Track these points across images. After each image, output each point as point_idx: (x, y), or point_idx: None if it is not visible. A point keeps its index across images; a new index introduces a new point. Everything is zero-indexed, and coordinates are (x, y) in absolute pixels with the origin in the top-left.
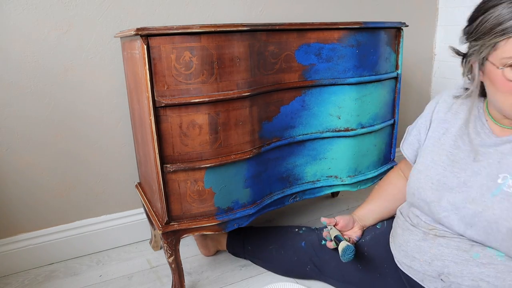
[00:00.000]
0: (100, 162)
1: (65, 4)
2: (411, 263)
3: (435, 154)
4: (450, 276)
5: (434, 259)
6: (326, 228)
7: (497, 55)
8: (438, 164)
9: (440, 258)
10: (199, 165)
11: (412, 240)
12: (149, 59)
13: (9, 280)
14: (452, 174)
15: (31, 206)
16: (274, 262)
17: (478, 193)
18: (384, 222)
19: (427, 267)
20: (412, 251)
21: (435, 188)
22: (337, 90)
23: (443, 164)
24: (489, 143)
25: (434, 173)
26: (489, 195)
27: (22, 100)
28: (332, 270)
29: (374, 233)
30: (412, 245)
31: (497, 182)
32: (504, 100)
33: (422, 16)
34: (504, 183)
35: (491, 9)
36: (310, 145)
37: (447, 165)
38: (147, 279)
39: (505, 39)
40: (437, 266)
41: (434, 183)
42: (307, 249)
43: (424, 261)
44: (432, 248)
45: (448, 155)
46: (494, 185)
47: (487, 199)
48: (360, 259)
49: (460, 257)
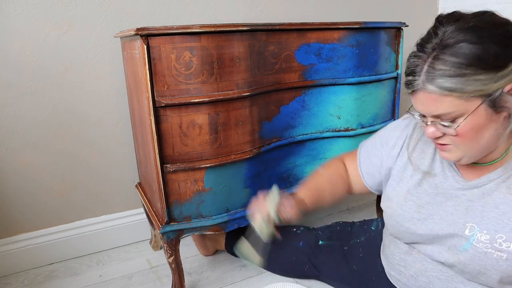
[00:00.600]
0: (100, 162)
1: (65, 4)
2: (399, 276)
3: (401, 199)
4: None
5: (419, 274)
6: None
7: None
8: (405, 211)
9: (425, 273)
10: (199, 165)
11: (398, 253)
12: (149, 59)
13: (9, 280)
14: (419, 222)
15: (31, 206)
16: (272, 262)
17: (450, 244)
18: (379, 224)
19: (413, 282)
20: (398, 265)
21: (408, 236)
22: (337, 90)
23: (410, 210)
24: (457, 187)
25: (403, 220)
26: (460, 249)
27: (22, 100)
28: (329, 270)
29: (369, 234)
30: (398, 258)
31: (466, 234)
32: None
33: (422, 16)
34: (473, 236)
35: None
36: (310, 145)
37: (414, 212)
38: (147, 279)
39: None
40: (423, 282)
41: (405, 231)
42: (305, 249)
43: (410, 276)
44: (416, 263)
45: (413, 199)
46: (464, 237)
47: (459, 252)
48: (355, 260)
49: (444, 274)
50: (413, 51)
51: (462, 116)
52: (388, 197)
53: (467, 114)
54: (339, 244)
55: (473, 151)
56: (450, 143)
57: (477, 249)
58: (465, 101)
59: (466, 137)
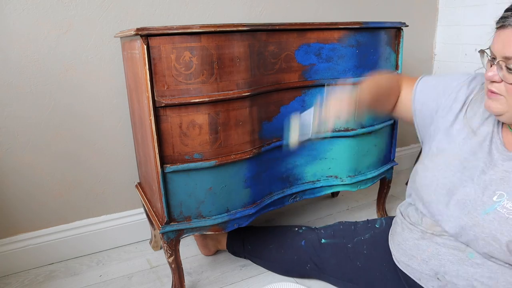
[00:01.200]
0: (100, 162)
1: (65, 4)
2: (409, 261)
3: (449, 155)
4: (446, 276)
5: (431, 258)
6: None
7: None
8: (448, 168)
9: (437, 257)
10: (199, 165)
11: (411, 239)
12: (149, 59)
13: (9, 280)
14: (459, 182)
15: (31, 206)
16: (274, 261)
17: (473, 206)
18: (383, 222)
19: (424, 266)
20: (410, 250)
21: (438, 190)
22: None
23: (454, 168)
24: (497, 155)
25: (442, 176)
26: (481, 211)
27: (22, 100)
28: (332, 269)
29: (373, 232)
30: (411, 244)
31: (492, 200)
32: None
33: (422, 16)
34: (499, 202)
35: None
36: (310, 145)
37: (457, 171)
38: (147, 279)
39: None
40: (434, 265)
41: (439, 185)
42: (307, 248)
43: (421, 260)
44: (430, 247)
45: (461, 160)
46: (489, 202)
47: (479, 215)
48: (359, 257)
49: (456, 257)
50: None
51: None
52: (434, 152)
53: None
54: (342, 242)
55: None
56: (502, 93)
57: (498, 213)
58: None
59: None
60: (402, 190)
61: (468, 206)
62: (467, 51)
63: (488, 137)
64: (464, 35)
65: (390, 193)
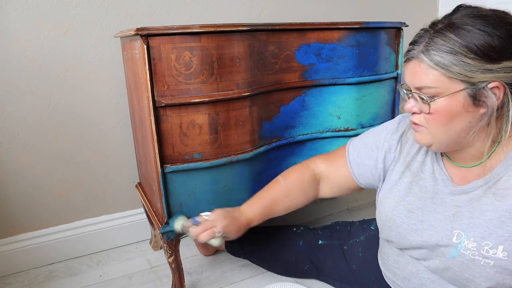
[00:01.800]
0: (100, 162)
1: (65, 4)
2: (394, 277)
3: (392, 202)
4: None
5: (412, 276)
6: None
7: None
8: (396, 215)
9: (417, 275)
10: (199, 165)
11: (392, 255)
12: (149, 59)
13: (9, 280)
14: (409, 227)
15: (31, 206)
16: (272, 262)
17: (438, 251)
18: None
19: (407, 283)
20: (392, 266)
21: (398, 241)
22: (337, 90)
23: (400, 215)
24: (446, 191)
25: (394, 225)
26: (448, 255)
27: (22, 100)
28: (329, 270)
29: (369, 234)
30: (392, 260)
31: (453, 242)
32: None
33: (422, 16)
34: (460, 244)
35: None
36: (310, 145)
37: (404, 217)
38: (147, 279)
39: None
40: (416, 284)
41: (396, 236)
42: (305, 248)
43: (403, 278)
44: (409, 265)
45: (404, 204)
46: (452, 245)
47: (447, 259)
48: (354, 259)
49: (435, 276)
50: (425, 25)
51: (441, 95)
52: (380, 202)
53: (446, 94)
54: (338, 243)
55: (442, 138)
56: (423, 124)
57: (464, 256)
58: (448, 80)
59: (438, 119)
60: None
61: (434, 249)
62: None
63: (428, 173)
64: None
65: None
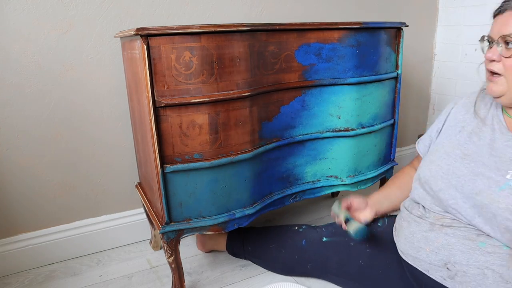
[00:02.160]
0: (100, 162)
1: (65, 4)
2: (417, 254)
3: (448, 147)
4: (456, 265)
5: (440, 248)
6: (336, 209)
7: None
8: (450, 156)
9: (447, 247)
10: (199, 165)
11: (419, 232)
12: (149, 59)
13: (9, 280)
14: (462, 165)
15: (31, 206)
16: (275, 261)
17: (485, 185)
18: (385, 220)
19: (433, 257)
20: (418, 242)
21: (444, 176)
22: (337, 90)
23: (455, 156)
24: (504, 139)
25: (445, 163)
26: (496, 189)
27: (22, 100)
28: (334, 267)
29: (376, 231)
30: (419, 236)
31: (505, 178)
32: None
33: (422, 16)
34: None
35: None
36: (310, 145)
37: (459, 157)
38: (147, 279)
39: None
40: (444, 255)
41: (444, 172)
42: (308, 247)
43: (431, 251)
44: (439, 238)
45: (461, 149)
46: (502, 180)
47: (494, 192)
48: (361, 255)
49: (466, 246)
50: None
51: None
52: (432, 149)
53: None
54: (344, 240)
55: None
56: (501, 72)
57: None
58: None
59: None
60: None
61: (478, 185)
62: (467, 51)
63: (489, 125)
64: (464, 35)
65: None
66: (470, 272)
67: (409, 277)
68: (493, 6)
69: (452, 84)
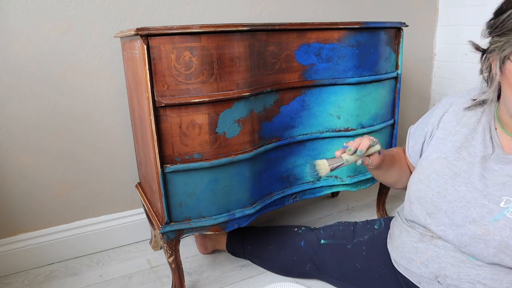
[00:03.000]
0: (100, 162)
1: (65, 4)
2: (408, 265)
3: (438, 165)
4: (447, 279)
5: (430, 261)
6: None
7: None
8: (440, 176)
9: (437, 260)
10: (199, 165)
11: (409, 242)
12: (149, 59)
13: (9, 280)
14: (453, 188)
15: (31, 206)
16: (273, 262)
17: (478, 214)
18: (382, 223)
19: (424, 269)
20: (409, 253)
21: (434, 200)
22: (337, 90)
23: (445, 176)
24: (496, 159)
25: (435, 184)
26: (490, 219)
27: (22, 100)
28: (331, 269)
29: (373, 233)
30: (409, 247)
31: (500, 206)
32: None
33: (422, 16)
34: (507, 208)
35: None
36: (310, 145)
37: (449, 178)
38: (147, 279)
39: None
40: (434, 268)
41: (434, 195)
42: (307, 248)
43: (421, 263)
44: (429, 250)
45: (451, 167)
46: (497, 209)
47: (488, 223)
48: (358, 258)
49: (456, 259)
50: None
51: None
52: (422, 163)
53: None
54: (342, 242)
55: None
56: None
57: (508, 219)
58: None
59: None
60: (402, 190)
61: (472, 213)
62: (467, 51)
63: (479, 139)
64: (464, 35)
65: (390, 193)
66: (462, 286)
67: (403, 285)
68: (493, 6)
69: (452, 84)
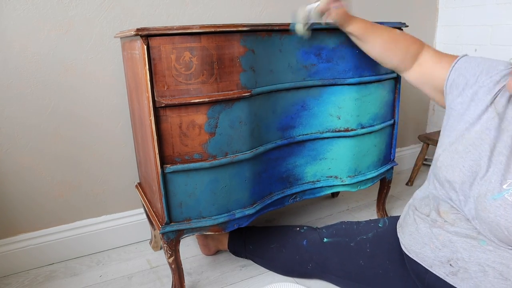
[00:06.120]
0: (100, 162)
1: (65, 4)
2: (421, 249)
3: (478, 139)
4: (459, 262)
5: (444, 245)
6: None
7: None
8: (476, 150)
9: (450, 244)
10: (199, 165)
11: (424, 228)
12: (149, 59)
13: (9, 280)
14: (485, 165)
15: (31, 207)
16: (275, 261)
17: (480, 191)
18: (386, 221)
19: (437, 253)
20: (422, 238)
21: (464, 171)
22: (337, 90)
23: (482, 152)
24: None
25: (469, 158)
26: (489, 197)
27: (22, 100)
28: (335, 267)
29: (377, 231)
30: (423, 232)
31: (503, 187)
32: None
33: (422, 16)
34: (508, 190)
35: None
36: (310, 145)
37: (485, 155)
38: (147, 279)
39: None
40: (447, 252)
41: (465, 167)
42: (309, 247)
43: (435, 247)
44: (442, 235)
45: (490, 144)
46: (498, 189)
47: (487, 200)
48: (362, 255)
49: (468, 244)
50: None
51: None
52: (464, 135)
53: None
54: (345, 240)
55: None
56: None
57: (506, 201)
58: None
59: None
60: (402, 191)
61: (477, 188)
62: (467, 51)
63: (506, 125)
64: (464, 35)
65: (390, 194)
66: (472, 269)
67: (411, 274)
68: (493, 6)
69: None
